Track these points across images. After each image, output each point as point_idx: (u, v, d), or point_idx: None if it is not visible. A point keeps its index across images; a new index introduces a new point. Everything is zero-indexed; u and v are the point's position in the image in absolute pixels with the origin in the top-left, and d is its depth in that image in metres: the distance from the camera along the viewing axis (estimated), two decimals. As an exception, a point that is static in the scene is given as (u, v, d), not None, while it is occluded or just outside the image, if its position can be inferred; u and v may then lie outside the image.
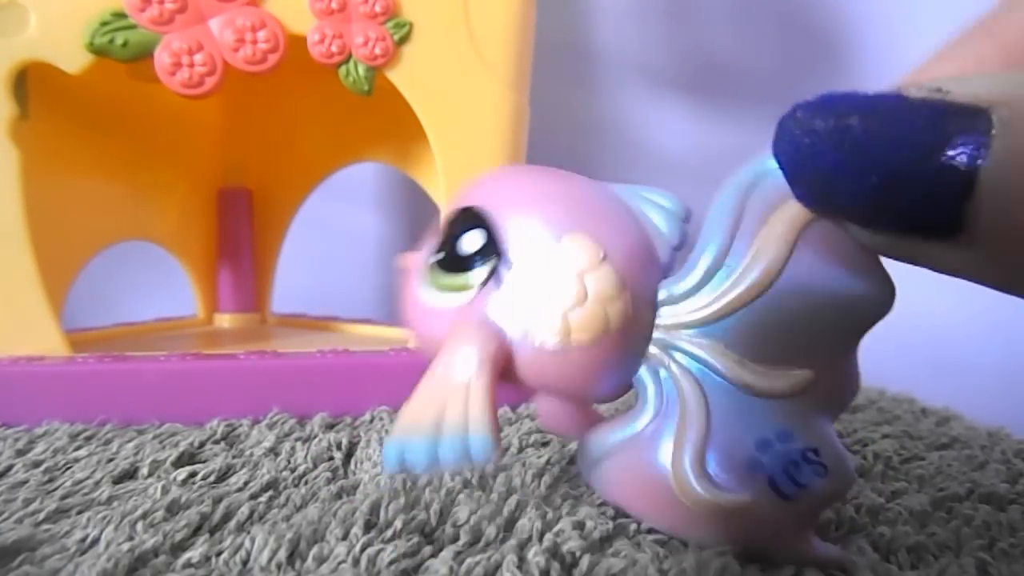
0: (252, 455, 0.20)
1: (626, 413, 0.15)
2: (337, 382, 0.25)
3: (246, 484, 0.17)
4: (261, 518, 0.15)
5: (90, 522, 0.15)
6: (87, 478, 0.18)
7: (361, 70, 0.25)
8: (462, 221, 0.15)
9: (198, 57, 0.24)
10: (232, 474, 0.18)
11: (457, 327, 0.14)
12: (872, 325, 0.14)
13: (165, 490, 0.17)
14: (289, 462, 0.19)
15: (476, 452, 0.13)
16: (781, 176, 0.13)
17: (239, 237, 0.39)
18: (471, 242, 0.15)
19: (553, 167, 0.16)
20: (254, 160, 0.40)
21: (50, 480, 0.18)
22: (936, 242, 0.11)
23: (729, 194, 0.14)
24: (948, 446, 0.23)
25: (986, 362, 0.45)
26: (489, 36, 0.27)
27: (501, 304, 0.14)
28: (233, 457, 0.20)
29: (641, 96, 0.50)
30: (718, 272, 0.14)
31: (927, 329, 0.45)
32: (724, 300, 0.14)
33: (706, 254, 0.14)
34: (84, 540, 0.14)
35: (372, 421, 0.24)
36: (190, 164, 0.38)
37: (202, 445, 0.21)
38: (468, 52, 0.26)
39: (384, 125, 0.35)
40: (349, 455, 0.20)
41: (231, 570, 0.13)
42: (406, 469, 0.13)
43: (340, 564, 0.13)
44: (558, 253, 0.14)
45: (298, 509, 0.16)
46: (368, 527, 0.15)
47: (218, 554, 0.14)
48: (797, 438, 0.14)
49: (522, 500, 0.16)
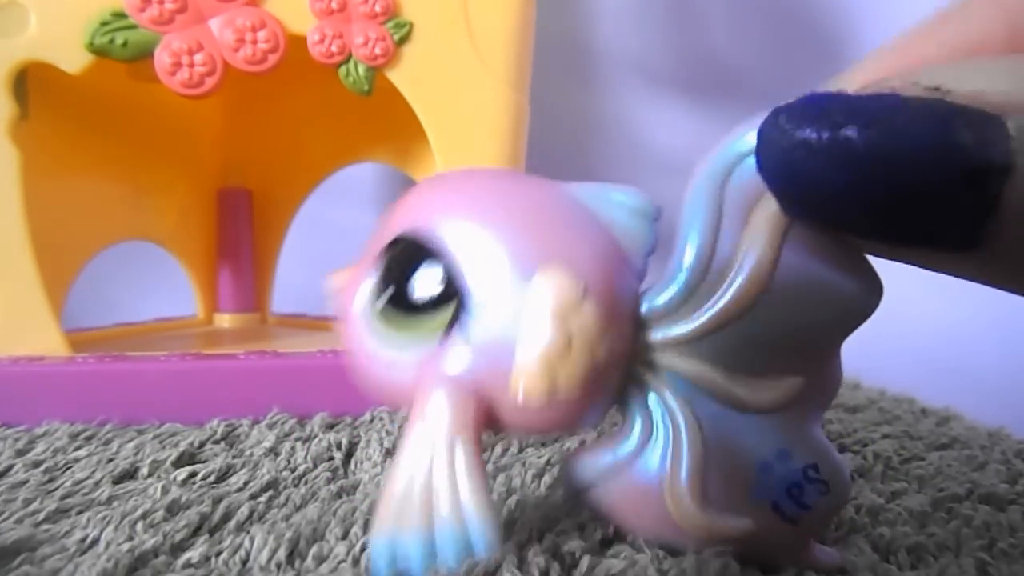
0: (252, 455, 0.20)
1: (612, 436, 0.14)
2: (337, 382, 0.25)
3: (246, 484, 0.17)
4: (261, 518, 0.15)
5: (90, 522, 0.15)
6: (87, 478, 0.18)
7: (361, 70, 0.25)
8: (411, 253, 0.13)
9: (198, 57, 0.24)
10: (232, 474, 0.18)
11: (424, 392, 0.13)
12: (861, 323, 0.13)
13: (165, 490, 0.17)
14: (289, 462, 0.19)
15: (477, 543, 0.12)
16: (750, 162, 0.12)
17: (239, 237, 0.39)
18: (427, 283, 0.13)
19: (501, 169, 0.14)
20: (254, 160, 0.40)
21: (50, 480, 0.18)
22: (952, 257, 0.10)
23: (704, 189, 0.13)
24: (948, 446, 0.23)
25: (986, 362, 0.45)
26: (489, 36, 0.27)
27: (471, 356, 0.13)
28: (233, 457, 0.20)
29: (641, 96, 0.50)
30: (700, 285, 0.13)
31: (927, 329, 0.45)
32: (711, 314, 0.13)
33: (688, 263, 0.13)
34: (84, 540, 0.14)
35: (372, 421, 0.24)
36: (190, 164, 0.38)
37: (202, 445, 0.21)
38: (468, 52, 0.26)
39: (384, 125, 0.35)
40: (349, 455, 0.20)
41: (231, 570, 0.13)
42: (400, 573, 0.12)
43: (340, 563, 0.13)
44: (533, 294, 0.12)
45: (298, 509, 0.16)
46: (368, 527, 0.15)
47: (218, 554, 0.14)
48: (796, 456, 0.13)
49: (522, 500, 0.16)
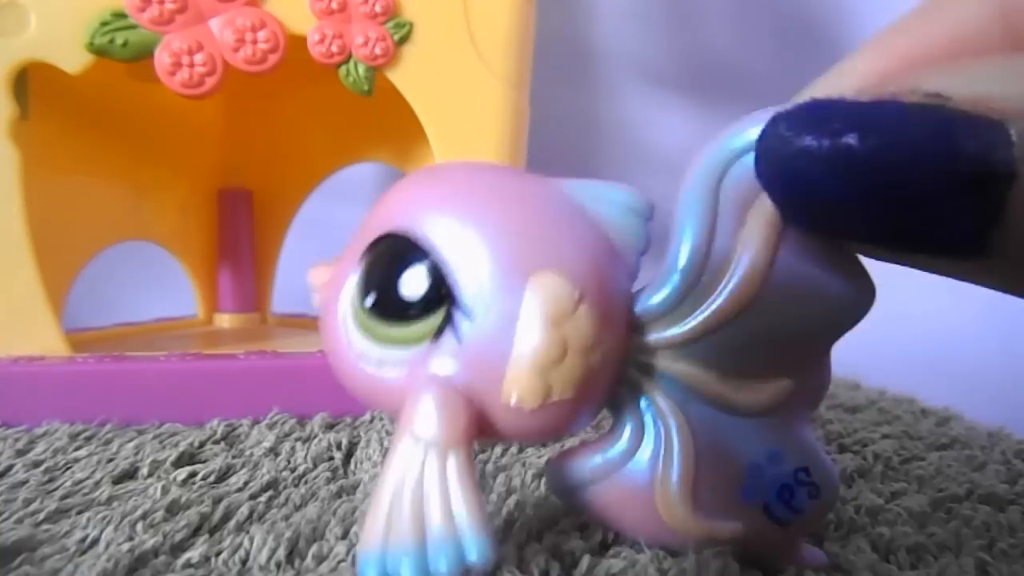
0: (252, 455, 0.20)
1: (601, 438, 0.14)
2: (337, 382, 0.25)
3: (246, 484, 0.17)
4: (261, 518, 0.15)
5: (90, 522, 0.15)
6: (87, 478, 0.18)
7: (361, 70, 0.25)
8: (398, 252, 0.13)
9: (198, 57, 0.24)
10: (232, 474, 0.18)
11: (414, 397, 0.12)
12: (853, 325, 0.13)
13: (165, 490, 0.17)
14: (289, 462, 0.19)
15: (472, 555, 0.11)
16: (749, 161, 0.12)
17: (239, 237, 0.39)
18: (415, 283, 0.12)
19: (490, 163, 0.14)
20: (254, 160, 0.40)
21: (50, 480, 0.18)
22: (957, 262, 0.10)
23: (699, 187, 0.12)
24: (948, 446, 0.23)
25: (986, 362, 0.45)
26: (489, 36, 0.27)
27: (462, 362, 0.12)
28: (233, 457, 0.20)
29: (641, 96, 0.50)
30: (695, 287, 0.12)
31: (927, 329, 0.45)
32: (705, 316, 0.12)
33: (683, 264, 0.13)
34: (84, 540, 0.14)
35: (372, 421, 0.24)
36: (190, 164, 0.38)
37: (202, 445, 0.21)
38: (468, 52, 0.26)
39: (384, 125, 0.35)
40: (349, 455, 0.20)
41: (230, 570, 0.13)
42: None
43: (340, 563, 0.13)
44: (527, 300, 0.12)
45: (298, 509, 0.16)
46: (368, 527, 0.15)
47: (218, 554, 0.14)
48: (787, 459, 0.13)
49: (522, 500, 0.16)
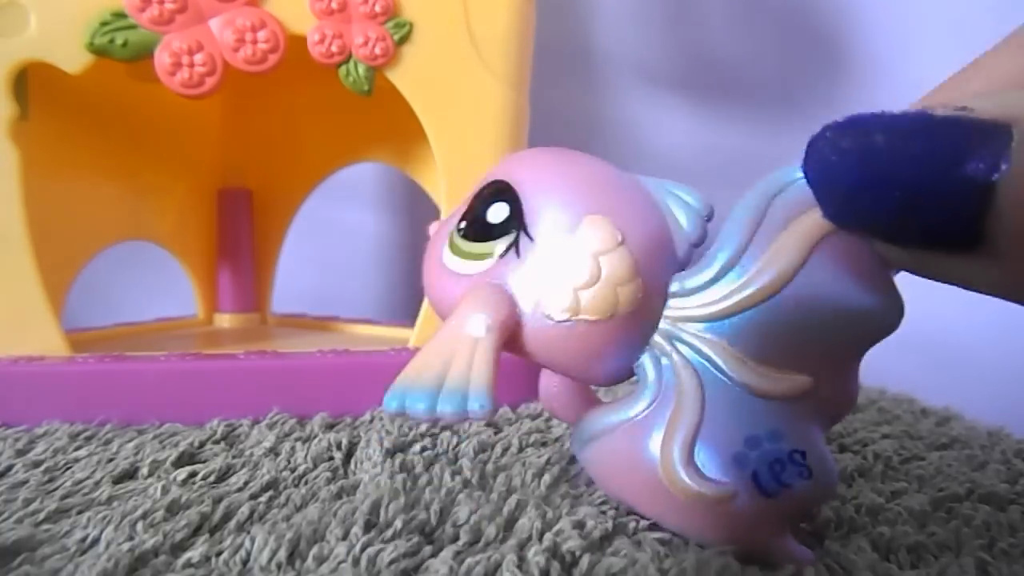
0: (252, 455, 0.20)
1: (624, 398, 0.15)
2: (337, 382, 0.25)
3: (246, 484, 0.17)
4: (261, 518, 0.15)
5: (90, 522, 0.15)
6: (87, 478, 0.18)
7: (361, 70, 0.25)
8: (490, 193, 0.15)
9: (198, 57, 0.24)
10: (232, 474, 0.18)
11: (473, 290, 0.15)
12: (877, 341, 0.14)
13: (165, 490, 0.17)
14: (289, 462, 0.19)
15: (473, 407, 0.13)
16: (805, 186, 0.13)
17: (239, 237, 0.39)
18: (496, 213, 0.15)
19: (586, 154, 0.16)
20: (254, 160, 0.40)
21: (50, 480, 0.18)
22: (957, 257, 0.11)
23: (753, 199, 0.14)
24: (948, 446, 0.23)
25: (986, 362, 0.45)
26: (489, 36, 0.27)
27: (518, 275, 0.15)
28: (233, 457, 0.20)
29: (641, 96, 0.50)
30: (731, 271, 0.14)
31: (927, 329, 0.45)
32: (733, 299, 0.14)
33: (722, 252, 0.14)
34: (84, 540, 0.14)
35: (372, 421, 0.24)
36: (190, 164, 0.38)
37: (202, 445, 0.21)
38: (468, 52, 0.26)
39: (384, 125, 0.35)
40: (349, 455, 0.20)
41: (231, 570, 0.13)
42: (404, 413, 0.13)
43: (340, 564, 0.13)
44: (577, 232, 0.14)
45: (298, 509, 0.16)
46: (368, 527, 0.15)
47: (218, 554, 0.14)
48: (786, 439, 0.14)
49: (522, 500, 0.16)
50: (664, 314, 0.15)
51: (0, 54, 0.23)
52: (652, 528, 0.15)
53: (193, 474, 0.18)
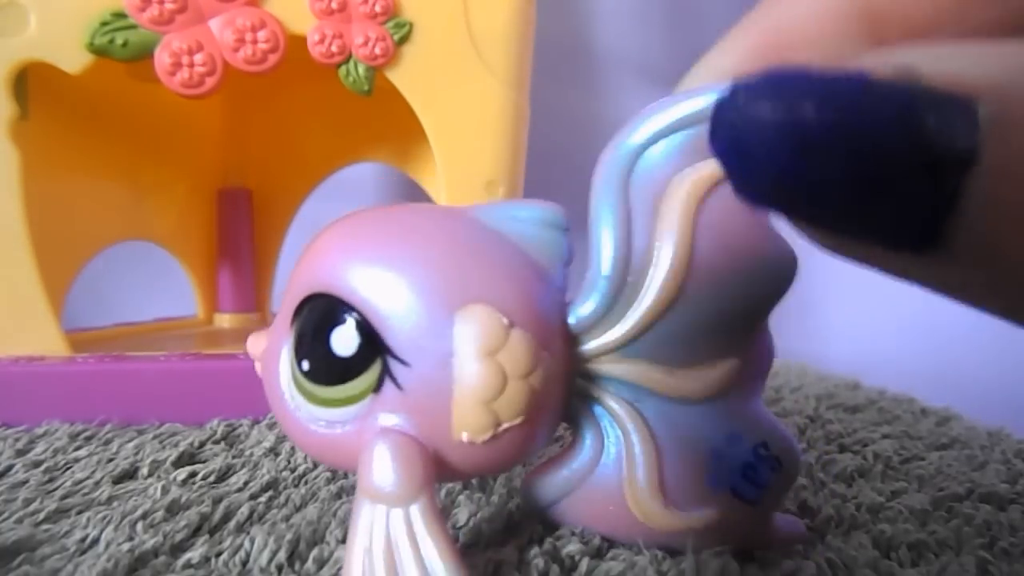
0: (252, 455, 0.20)
1: (568, 451, 0.14)
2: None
3: (246, 484, 0.17)
4: (261, 518, 0.15)
5: (90, 522, 0.15)
6: (87, 478, 0.18)
7: (361, 70, 0.25)
8: (325, 313, 0.13)
9: (198, 57, 0.24)
10: (232, 474, 0.18)
11: (367, 455, 0.12)
12: (784, 291, 0.13)
13: (165, 490, 0.17)
14: (289, 462, 0.19)
15: None
16: (653, 154, 0.12)
17: (239, 237, 0.39)
18: (343, 343, 0.12)
19: (398, 205, 0.14)
20: (254, 160, 0.40)
21: (50, 480, 0.18)
22: (907, 256, 0.09)
23: (608, 189, 0.13)
24: (948, 446, 0.23)
25: (986, 362, 0.45)
26: (489, 36, 0.27)
27: (407, 411, 0.12)
28: (233, 457, 0.20)
29: (641, 96, 0.50)
30: (623, 287, 0.13)
31: (927, 329, 0.45)
32: (637, 316, 0.13)
33: (606, 270, 0.13)
34: (84, 540, 0.14)
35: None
36: (190, 164, 0.38)
37: (202, 445, 0.21)
38: (468, 52, 0.26)
39: (384, 125, 0.35)
40: (349, 455, 0.20)
41: (231, 571, 0.13)
42: None
43: (340, 567, 0.13)
44: (458, 337, 0.12)
45: (298, 509, 0.16)
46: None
47: (218, 555, 0.14)
48: (746, 438, 0.13)
49: (522, 502, 0.16)
50: (574, 353, 0.13)
51: (0, 54, 0.23)
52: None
53: (193, 474, 0.18)
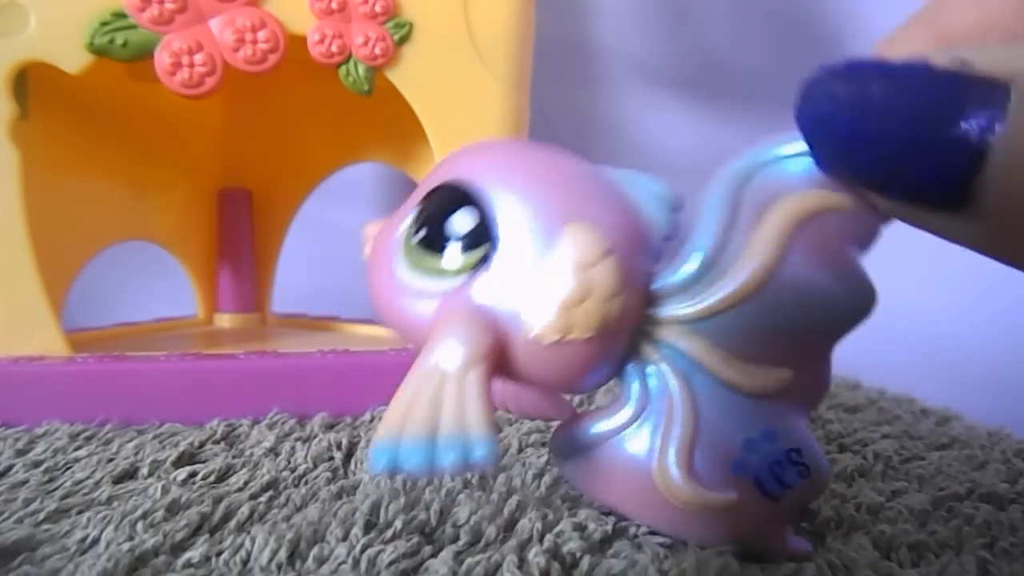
0: (252, 455, 0.20)
1: (608, 407, 0.15)
2: (337, 382, 0.25)
3: (246, 484, 0.17)
4: (261, 518, 0.15)
5: (90, 522, 0.15)
6: (87, 478, 0.18)
7: (361, 70, 0.25)
8: (449, 198, 0.14)
9: (198, 57, 0.24)
10: (232, 474, 0.18)
11: (446, 315, 0.13)
12: (851, 329, 0.14)
13: (165, 490, 0.17)
14: (289, 462, 0.19)
15: (477, 454, 0.12)
16: (774, 171, 0.13)
17: (239, 237, 0.39)
18: (461, 223, 0.14)
19: (542, 144, 0.15)
20: (254, 160, 0.40)
21: (50, 480, 0.18)
22: (942, 213, 0.11)
23: (723, 187, 0.14)
24: (948, 446, 0.23)
25: (986, 362, 0.45)
26: (489, 36, 0.27)
27: (494, 292, 0.13)
28: (233, 457, 0.20)
29: (641, 96, 0.50)
30: (712, 268, 0.13)
31: (927, 329, 0.45)
32: (715, 297, 0.13)
33: (701, 248, 0.14)
34: (84, 540, 0.14)
35: (372, 421, 0.24)
36: (190, 164, 0.38)
37: (202, 445, 0.21)
38: (468, 52, 0.26)
39: (384, 125, 0.35)
40: (349, 455, 0.20)
41: (231, 570, 0.13)
42: (397, 472, 0.12)
43: (340, 565, 0.13)
44: (560, 244, 0.13)
45: (298, 509, 0.16)
46: (368, 527, 0.15)
47: (218, 554, 0.14)
48: (781, 439, 0.14)
49: (522, 501, 0.16)
50: (646, 315, 0.14)
51: (0, 54, 0.23)
52: (653, 530, 0.15)
53: (193, 474, 0.18)
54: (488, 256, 0.13)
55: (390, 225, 0.15)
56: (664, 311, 0.14)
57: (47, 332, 0.25)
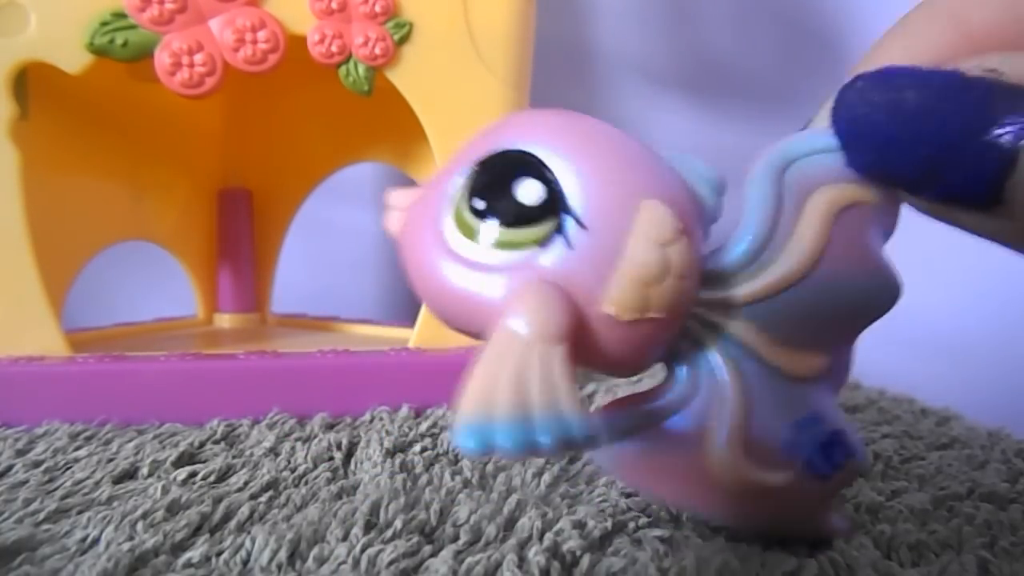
0: (252, 455, 0.20)
1: (651, 391, 0.15)
2: (337, 382, 0.25)
3: (246, 484, 0.17)
4: (261, 518, 0.15)
5: (90, 522, 0.15)
6: (87, 478, 0.18)
7: (361, 70, 0.25)
8: (513, 166, 0.13)
9: (198, 57, 0.24)
10: (232, 474, 0.18)
11: (523, 289, 0.12)
12: (880, 316, 0.14)
13: (165, 490, 0.17)
14: (289, 462, 0.19)
15: (575, 432, 0.11)
16: (810, 162, 0.14)
17: (239, 237, 0.39)
18: (528, 193, 0.13)
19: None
20: (254, 160, 0.40)
21: (50, 480, 0.18)
22: (975, 213, 0.12)
23: (767, 175, 0.14)
24: (948, 446, 0.23)
25: (986, 362, 0.45)
26: (489, 36, 0.27)
27: (571, 269, 0.13)
28: (233, 457, 0.20)
29: (641, 96, 0.50)
30: (761, 254, 0.14)
31: (927, 328, 0.45)
32: (765, 281, 0.14)
33: (751, 234, 0.14)
34: (84, 540, 0.14)
35: (372, 421, 0.24)
36: (190, 164, 0.38)
37: (202, 445, 0.21)
38: (468, 52, 0.26)
39: (384, 125, 0.35)
40: (349, 455, 0.20)
41: (231, 570, 0.13)
42: (491, 452, 0.11)
43: (340, 565, 0.13)
44: (641, 219, 0.13)
45: (298, 509, 0.16)
46: (368, 527, 0.15)
47: (218, 554, 0.14)
48: (825, 422, 0.14)
49: (522, 499, 0.16)
50: (699, 297, 0.14)
51: (0, 54, 0.23)
52: (652, 527, 0.15)
53: (193, 474, 0.18)
54: (563, 229, 0.13)
55: (431, 193, 0.14)
56: (716, 294, 0.14)
57: (47, 332, 0.25)
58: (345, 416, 0.24)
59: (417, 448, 0.20)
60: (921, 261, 0.41)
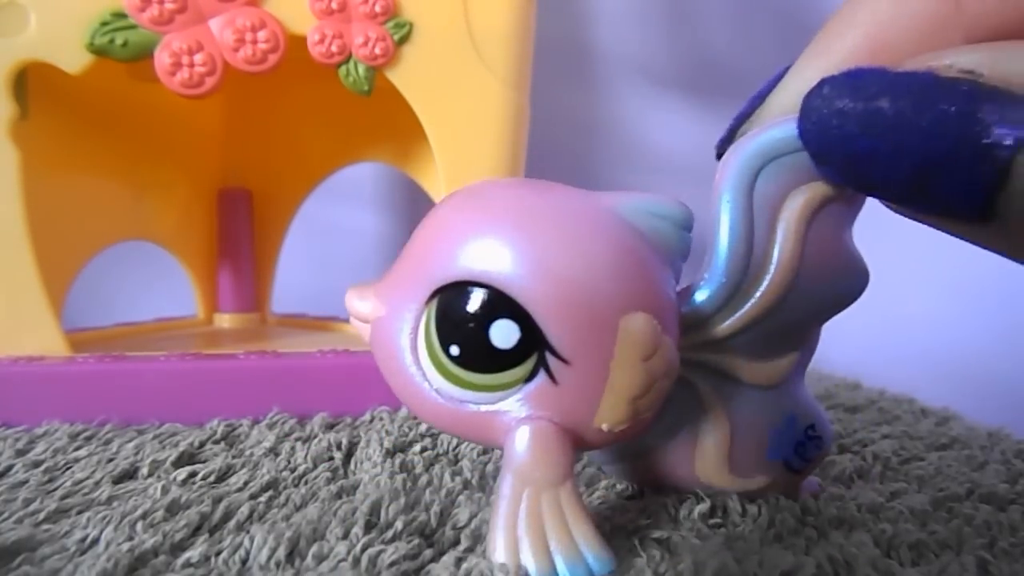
0: (252, 455, 0.20)
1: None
2: (337, 382, 0.25)
3: (246, 484, 0.17)
4: (261, 518, 0.15)
5: (90, 522, 0.15)
6: (87, 478, 0.18)
7: (361, 70, 0.25)
8: (481, 303, 0.12)
9: (198, 57, 0.24)
10: (232, 474, 0.18)
11: (519, 440, 0.13)
12: (852, 303, 0.15)
13: (165, 490, 0.17)
14: (289, 462, 0.19)
15: (598, 569, 0.12)
16: (777, 167, 0.13)
17: (239, 237, 0.39)
18: (505, 335, 0.12)
19: (536, 183, 0.14)
20: (254, 160, 0.40)
21: (50, 480, 0.18)
22: (964, 223, 0.11)
23: (736, 192, 0.14)
24: (948, 446, 0.23)
25: (986, 362, 0.45)
26: (489, 36, 0.27)
27: (559, 401, 0.13)
28: (233, 457, 0.20)
29: (641, 96, 0.50)
30: (740, 288, 0.14)
31: (927, 329, 0.45)
32: (747, 313, 0.14)
33: (729, 268, 0.14)
34: (84, 540, 0.14)
35: (372, 421, 0.24)
36: (190, 164, 0.38)
37: (202, 445, 0.21)
38: (468, 52, 0.26)
39: (384, 125, 0.35)
40: (349, 455, 0.20)
41: (230, 569, 0.13)
42: None
43: (340, 562, 0.13)
44: (622, 343, 0.12)
45: (298, 509, 0.16)
46: (368, 527, 0.15)
47: (218, 554, 0.14)
48: (800, 420, 0.15)
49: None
50: (682, 340, 0.14)
51: (0, 54, 0.23)
52: (650, 528, 0.15)
53: (193, 474, 0.18)
54: (544, 363, 0.12)
55: (396, 309, 0.13)
56: (698, 334, 0.14)
57: (47, 332, 0.25)
58: (345, 416, 0.24)
59: (417, 448, 0.20)
60: (921, 263, 0.41)
